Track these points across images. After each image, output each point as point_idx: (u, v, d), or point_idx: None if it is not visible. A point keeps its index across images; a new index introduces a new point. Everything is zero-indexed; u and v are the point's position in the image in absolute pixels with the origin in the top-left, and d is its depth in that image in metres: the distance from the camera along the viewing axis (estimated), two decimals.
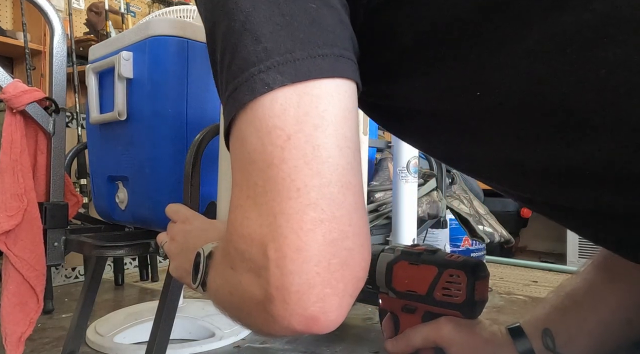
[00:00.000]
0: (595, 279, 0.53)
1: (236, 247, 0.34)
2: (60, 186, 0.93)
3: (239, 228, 0.34)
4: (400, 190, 1.12)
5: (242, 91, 0.34)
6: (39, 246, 0.87)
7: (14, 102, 0.86)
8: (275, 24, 0.34)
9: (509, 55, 0.34)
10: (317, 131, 0.33)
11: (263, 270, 0.32)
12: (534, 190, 0.40)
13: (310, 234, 0.32)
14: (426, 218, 1.33)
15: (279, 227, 0.32)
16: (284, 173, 0.32)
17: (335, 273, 0.32)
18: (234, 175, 0.36)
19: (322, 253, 0.32)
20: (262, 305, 0.33)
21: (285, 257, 0.31)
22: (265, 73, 0.33)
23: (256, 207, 0.33)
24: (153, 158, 0.92)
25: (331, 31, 0.35)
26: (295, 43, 0.33)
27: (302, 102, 0.33)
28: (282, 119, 0.33)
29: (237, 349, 1.28)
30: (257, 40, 0.33)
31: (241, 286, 0.35)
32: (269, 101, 0.33)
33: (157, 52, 0.91)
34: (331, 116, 0.33)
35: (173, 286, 0.88)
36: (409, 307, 0.55)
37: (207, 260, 0.46)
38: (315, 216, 0.32)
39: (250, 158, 0.34)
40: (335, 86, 0.34)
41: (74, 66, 1.98)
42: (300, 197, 0.32)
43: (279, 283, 0.32)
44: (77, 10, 2.74)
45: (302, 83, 0.33)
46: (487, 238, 1.42)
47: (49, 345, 1.30)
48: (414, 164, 1.12)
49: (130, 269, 2.13)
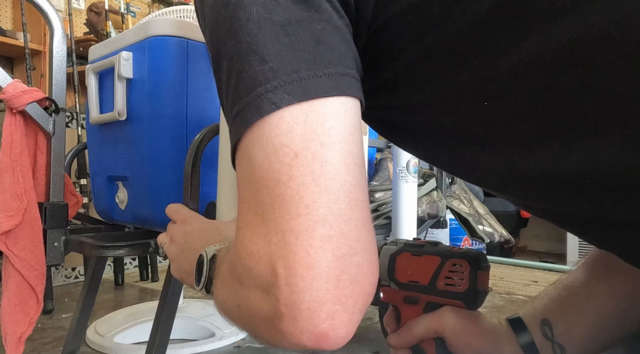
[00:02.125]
0: (592, 272, 0.54)
1: (244, 265, 0.34)
2: (60, 186, 0.93)
3: (247, 245, 0.34)
4: (400, 190, 1.12)
5: (250, 110, 0.34)
6: (39, 246, 0.87)
7: (14, 102, 0.86)
8: (281, 45, 0.34)
9: (515, 65, 0.34)
10: (324, 148, 0.33)
11: (272, 287, 0.32)
12: (537, 198, 0.40)
13: (320, 251, 0.32)
14: (426, 218, 1.33)
15: (288, 245, 0.32)
16: (292, 190, 0.32)
17: (344, 289, 0.32)
18: (240, 193, 0.36)
19: (331, 270, 0.32)
20: (271, 321, 0.33)
21: (295, 274, 0.31)
22: (272, 92, 0.33)
23: (264, 224, 0.33)
24: (153, 158, 0.92)
25: (335, 51, 0.35)
26: (301, 63, 0.34)
27: (308, 120, 0.33)
28: (289, 137, 0.33)
29: (237, 349, 1.28)
30: (263, 61, 0.34)
31: (249, 301, 0.35)
32: (276, 120, 0.33)
33: (157, 52, 0.91)
34: (337, 133, 0.33)
35: (173, 286, 0.88)
36: (411, 298, 0.55)
37: (210, 263, 0.46)
38: (324, 233, 0.32)
39: (258, 176, 0.34)
40: (341, 104, 0.34)
41: (74, 66, 1.98)
42: (309, 214, 0.32)
43: (289, 301, 0.32)
44: (77, 10, 2.74)
45: (309, 102, 0.33)
46: (487, 238, 1.42)
47: (49, 345, 1.30)
48: (414, 164, 1.12)
49: (130, 269, 2.13)
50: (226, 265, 0.41)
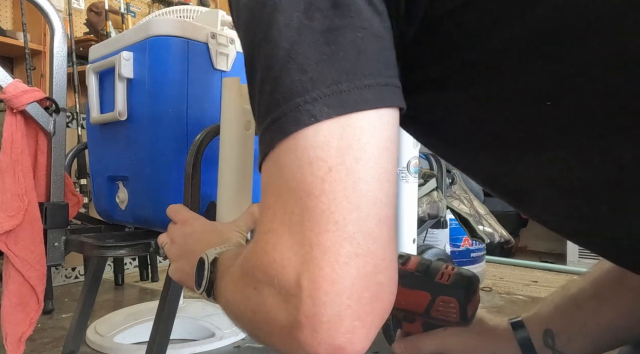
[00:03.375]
0: (602, 284, 0.54)
1: (265, 271, 0.34)
2: (60, 186, 0.93)
3: (270, 253, 0.34)
4: (400, 190, 1.12)
5: (287, 120, 0.34)
6: (39, 246, 0.87)
7: (14, 102, 0.86)
8: (321, 54, 0.33)
9: (582, 65, 0.34)
10: (358, 164, 0.33)
11: (293, 297, 0.33)
12: (566, 212, 0.41)
13: (345, 268, 0.32)
14: (426, 218, 1.33)
15: (314, 259, 0.32)
16: (323, 205, 0.32)
17: (365, 306, 0.32)
18: (265, 198, 0.36)
19: (354, 287, 0.32)
20: (288, 329, 0.33)
21: (319, 288, 0.32)
22: (312, 104, 0.33)
23: (291, 235, 0.33)
24: (153, 158, 0.92)
25: (376, 59, 0.35)
26: (341, 74, 0.33)
27: (345, 135, 0.33)
28: (325, 150, 0.33)
29: (237, 349, 1.28)
30: (302, 70, 0.33)
31: (265, 307, 0.35)
32: (313, 132, 0.33)
33: (157, 52, 0.91)
34: (373, 149, 0.33)
35: (173, 286, 0.88)
36: (409, 318, 0.58)
37: (211, 266, 0.46)
38: (352, 250, 0.32)
39: (289, 186, 0.34)
40: (378, 117, 0.34)
41: (74, 66, 1.98)
42: (338, 231, 0.32)
43: (311, 312, 0.32)
44: (77, 10, 2.73)
45: (347, 115, 0.33)
46: (487, 238, 1.42)
47: (49, 345, 1.30)
48: (414, 164, 1.12)
49: (130, 269, 2.13)
50: (238, 269, 0.40)
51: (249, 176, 0.79)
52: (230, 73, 0.98)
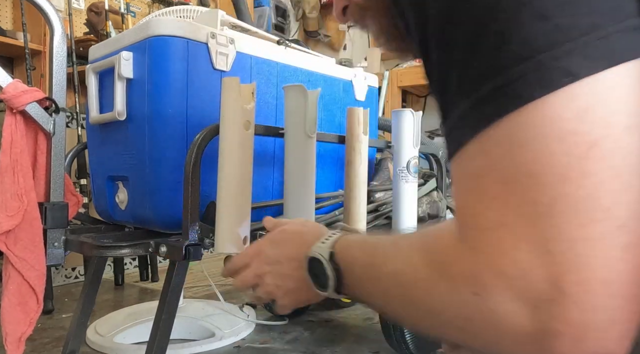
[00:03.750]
0: None
1: (501, 272, 0.29)
2: (60, 186, 0.93)
3: (508, 251, 0.29)
4: (400, 190, 1.12)
5: (525, 84, 0.27)
6: (39, 246, 0.87)
7: (14, 102, 0.86)
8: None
9: None
10: (628, 134, 0.26)
11: (547, 303, 0.28)
12: None
13: (620, 264, 0.27)
14: (426, 218, 1.33)
15: (579, 256, 0.27)
16: (584, 190, 0.27)
17: (637, 304, 0.28)
18: (487, 186, 0.30)
19: (629, 285, 0.27)
20: (533, 338, 0.29)
21: (588, 291, 0.27)
22: (567, 59, 0.26)
23: (535, 229, 0.28)
24: (153, 158, 0.92)
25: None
26: (598, 16, 0.26)
27: (612, 96, 0.26)
28: (585, 120, 0.26)
29: (237, 349, 1.28)
30: (543, 17, 0.27)
31: (495, 315, 0.30)
32: (567, 97, 0.26)
33: (157, 52, 0.91)
34: None
35: (173, 286, 0.88)
36: None
37: (331, 263, 0.42)
38: (626, 241, 0.27)
39: (527, 170, 0.28)
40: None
41: (74, 66, 1.98)
42: (609, 219, 0.27)
43: (575, 320, 0.27)
44: (77, 10, 2.73)
45: (615, 68, 0.26)
46: None
47: (49, 345, 1.30)
48: (414, 164, 1.12)
49: (130, 269, 2.13)
50: (425, 268, 0.35)
51: (248, 176, 0.79)
52: (230, 73, 0.98)
